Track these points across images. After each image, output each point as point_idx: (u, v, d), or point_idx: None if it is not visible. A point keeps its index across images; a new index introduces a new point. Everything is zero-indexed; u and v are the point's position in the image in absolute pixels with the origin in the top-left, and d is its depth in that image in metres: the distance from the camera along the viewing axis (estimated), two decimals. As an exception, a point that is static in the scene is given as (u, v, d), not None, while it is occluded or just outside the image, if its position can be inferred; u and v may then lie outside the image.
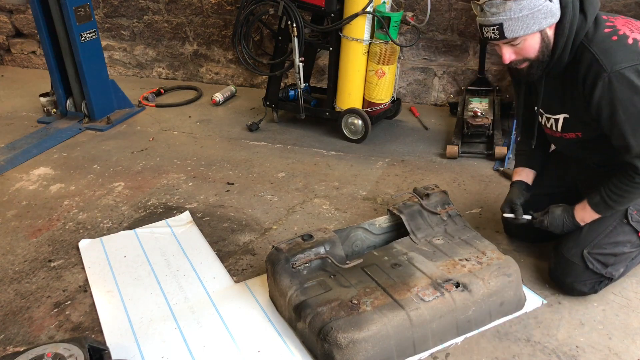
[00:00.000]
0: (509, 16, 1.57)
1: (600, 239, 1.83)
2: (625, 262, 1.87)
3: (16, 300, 2.06)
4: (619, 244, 1.83)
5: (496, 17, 1.59)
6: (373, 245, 2.11)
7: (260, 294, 2.00)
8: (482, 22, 1.63)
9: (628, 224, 1.82)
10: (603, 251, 1.83)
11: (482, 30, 1.65)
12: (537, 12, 1.57)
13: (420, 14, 3.47)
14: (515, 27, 1.58)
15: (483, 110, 3.10)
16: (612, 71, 1.57)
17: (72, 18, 3.38)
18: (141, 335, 1.85)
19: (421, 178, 2.83)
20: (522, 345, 1.74)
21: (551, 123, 1.88)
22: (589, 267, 1.82)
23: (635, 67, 1.56)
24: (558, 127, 1.86)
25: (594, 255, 1.83)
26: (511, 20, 1.57)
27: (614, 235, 1.83)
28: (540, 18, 1.58)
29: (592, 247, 1.83)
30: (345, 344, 1.57)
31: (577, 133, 1.83)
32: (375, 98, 3.20)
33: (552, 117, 1.86)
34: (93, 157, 3.25)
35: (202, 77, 4.52)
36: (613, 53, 1.59)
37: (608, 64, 1.58)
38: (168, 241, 2.37)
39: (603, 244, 1.83)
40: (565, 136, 1.87)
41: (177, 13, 4.33)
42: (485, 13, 1.61)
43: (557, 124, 1.86)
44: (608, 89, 1.59)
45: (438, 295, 1.71)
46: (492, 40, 1.64)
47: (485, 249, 1.92)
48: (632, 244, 1.84)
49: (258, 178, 2.92)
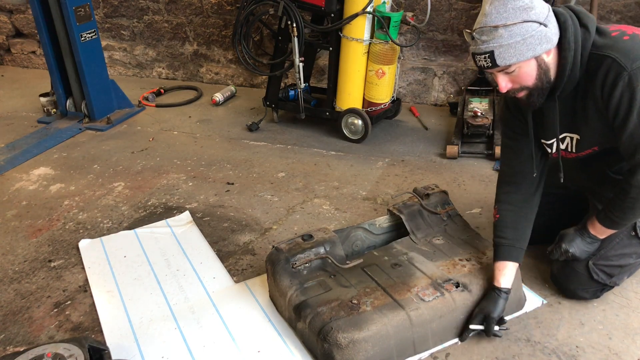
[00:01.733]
0: (500, 43, 1.50)
1: (606, 251, 1.80)
2: (629, 271, 1.87)
3: (16, 300, 2.06)
4: (625, 255, 1.81)
5: (487, 45, 1.52)
6: (373, 245, 2.11)
7: (260, 294, 2.00)
8: (474, 51, 1.56)
9: (636, 236, 1.80)
10: (609, 263, 1.81)
11: (475, 59, 1.58)
12: (530, 39, 1.50)
13: (420, 14, 3.47)
14: (507, 54, 1.51)
15: (483, 110, 3.10)
16: (632, 69, 1.49)
17: (72, 18, 3.38)
18: (141, 335, 1.85)
19: (421, 178, 2.83)
20: (522, 345, 1.74)
21: (566, 143, 1.77)
22: (593, 277, 1.81)
23: None
24: (573, 146, 1.77)
25: (599, 267, 1.81)
26: (502, 47, 1.50)
27: (621, 248, 1.81)
28: (534, 44, 1.51)
29: (598, 259, 1.81)
30: (345, 344, 1.57)
31: (594, 148, 1.75)
32: (375, 98, 3.20)
33: (567, 135, 1.76)
34: (93, 157, 3.25)
35: (202, 77, 4.52)
36: (630, 51, 1.52)
37: (628, 62, 1.50)
38: (168, 241, 2.37)
39: (609, 256, 1.81)
40: (580, 155, 1.79)
41: (177, 13, 4.33)
42: (476, 41, 1.54)
43: (572, 143, 1.77)
44: (628, 88, 1.51)
45: (438, 295, 1.71)
46: (486, 68, 1.57)
47: (485, 249, 1.92)
48: (637, 255, 1.83)
49: (258, 178, 2.92)
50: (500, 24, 1.49)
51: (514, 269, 1.79)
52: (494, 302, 1.72)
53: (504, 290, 1.74)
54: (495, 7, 1.50)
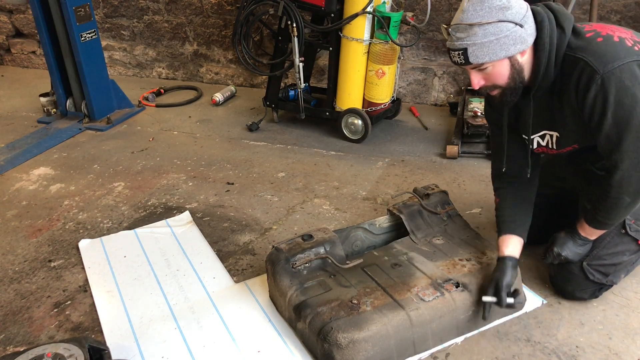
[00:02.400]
0: (473, 41, 1.52)
1: (598, 251, 1.82)
2: (625, 269, 1.86)
3: (16, 300, 2.06)
4: (618, 253, 1.82)
5: (461, 42, 1.55)
6: (373, 245, 2.11)
7: (260, 294, 2.00)
8: (449, 46, 1.59)
9: (627, 234, 1.81)
10: (603, 262, 1.81)
11: (450, 54, 1.61)
12: (505, 39, 1.52)
13: (420, 14, 3.47)
14: (480, 52, 1.54)
15: (483, 110, 3.09)
16: (605, 72, 1.51)
17: (72, 18, 3.38)
18: (141, 335, 1.85)
19: (421, 178, 2.83)
20: (522, 345, 1.74)
21: (546, 140, 1.81)
22: (589, 278, 1.82)
23: (628, 65, 1.51)
24: (553, 143, 1.80)
25: (594, 267, 1.82)
26: (475, 45, 1.53)
27: (613, 246, 1.81)
28: (508, 44, 1.53)
29: (592, 259, 1.82)
30: (345, 344, 1.57)
31: (574, 145, 1.78)
32: (375, 98, 3.20)
33: (547, 132, 1.80)
34: (93, 157, 3.25)
35: (202, 77, 4.52)
36: (603, 54, 1.54)
37: (600, 65, 1.52)
38: (168, 241, 2.37)
39: (602, 255, 1.81)
40: (562, 151, 1.82)
41: (177, 13, 4.33)
42: (451, 37, 1.57)
43: (552, 140, 1.80)
44: (601, 91, 1.53)
45: (438, 295, 1.71)
46: (459, 65, 1.60)
47: (485, 249, 1.92)
48: (631, 252, 1.83)
49: (258, 178, 2.92)
50: (476, 22, 1.52)
51: (518, 243, 1.81)
52: (501, 270, 1.73)
53: (508, 258, 1.76)
54: (472, 5, 1.53)
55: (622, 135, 1.55)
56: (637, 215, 1.80)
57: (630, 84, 1.51)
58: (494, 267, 1.80)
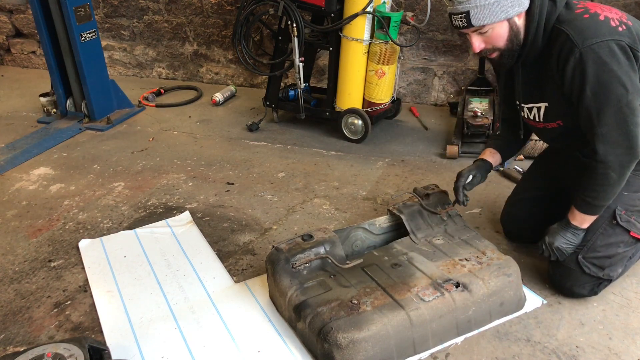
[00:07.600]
0: (475, 4, 1.62)
1: (592, 243, 1.83)
2: (622, 262, 1.86)
3: (16, 300, 2.06)
4: (612, 245, 1.82)
5: (463, 6, 1.64)
6: (373, 245, 2.11)
7: (260, 294, 2.00)
8: (451, 11, 1.69)
9: (618, 224, 1.82)
10: (597, 254, 1.82)
11: (452, 19, 1.71)
12: (504, 1, 1.62)
13: (420, 14, 3.47)
14: (482, 15, 1.63)
15: (483, 110, 3.10)
16: (583, 47, 1.59)
17: (72, 18, 3.38)
18: (141, 335, 1.85)
19: (421, 178, 2.83)
20: (522, 345, 1.74)
21: (533, 113, 1.89)
22: (585, 271, 1.83)
23: (606, 43, 1.58)
24: (540, 116, 1.87)
25: (589, 260, 1.83)
26: (477, 8, 1.62)
27: (606, 238, 1.83)
28: (507, 6, 1.63)
29: (586, 252, 1.83)
30: (345, 344, 1.57)
31: (558, 122, 1.84)
32: (375, 98, 3.20)
33: (534, 105, 1.87)
34: (93, 157, 3.25)
35: (202, 77, 4.52)
36: (585, 30, 1.61)
37: (579, 40, 1.60)
38: (168, 241, 2.37)
39: (596, 247, 1.83)
40: (547, 126, 1.88)
41: (177, 13, 4.33)
42: (453, 2, 1.67)
43: (540, 113, 1.87)
44: (579, 65, 1.61)
45: (438, 295, 1.71)
46: (461, 28, 1.69)
47: (485, 249, 1.92)
48: (625, 244, 1.83)
49: (258, 178, 2.92)
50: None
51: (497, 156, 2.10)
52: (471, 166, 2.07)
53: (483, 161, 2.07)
54: None
55: (602, 108, 1.62)
56: (626, 205, 1.82)
57: (608, 60, 1.58)
58: (494, 265, 1.80)
